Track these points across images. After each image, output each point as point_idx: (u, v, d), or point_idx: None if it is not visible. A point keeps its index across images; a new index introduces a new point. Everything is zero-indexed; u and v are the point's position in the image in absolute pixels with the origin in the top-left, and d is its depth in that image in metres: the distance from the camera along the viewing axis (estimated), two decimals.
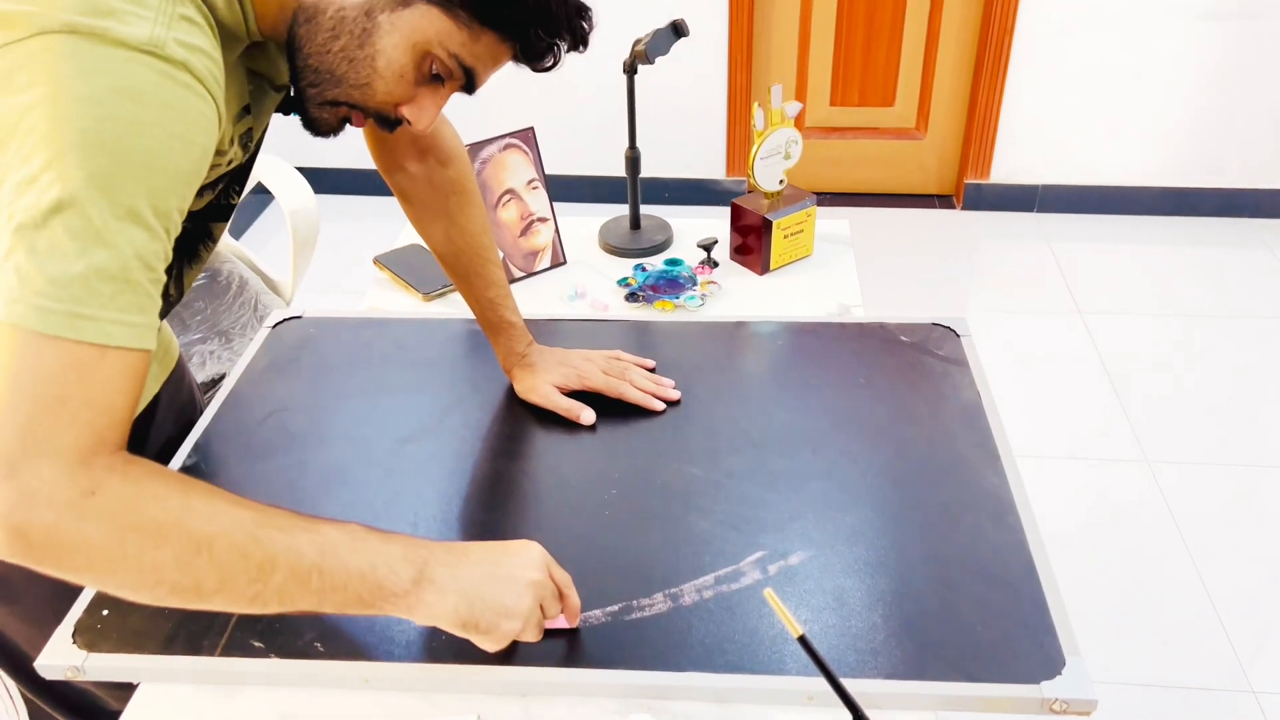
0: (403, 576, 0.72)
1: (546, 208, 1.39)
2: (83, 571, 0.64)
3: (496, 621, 0.75)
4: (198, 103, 0.67)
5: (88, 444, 0.63)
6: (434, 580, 0.73)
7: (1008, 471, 0.99)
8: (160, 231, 0.66)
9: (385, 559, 0.71)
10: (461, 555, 0.76)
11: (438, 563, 0.74)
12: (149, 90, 0.64)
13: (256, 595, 0.67)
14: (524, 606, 0.76)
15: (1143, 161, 3.11)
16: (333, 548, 0.69)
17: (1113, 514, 2.08)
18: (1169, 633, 1.82)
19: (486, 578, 0.75)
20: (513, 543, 0.80)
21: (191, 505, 0.66)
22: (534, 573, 0.77)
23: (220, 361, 1.48)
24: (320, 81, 0.79)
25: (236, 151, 0.86)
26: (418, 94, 0.81)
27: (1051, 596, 0.86)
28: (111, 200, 0.62)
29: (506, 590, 0.76)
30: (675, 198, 3.30)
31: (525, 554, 0.79)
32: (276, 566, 0.67)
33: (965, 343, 1.19)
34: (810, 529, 0.93)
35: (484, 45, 0.78)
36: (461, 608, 0.74)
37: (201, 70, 0.67)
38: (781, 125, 1.34)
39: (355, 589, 0.70)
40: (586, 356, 1.12)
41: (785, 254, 1.39)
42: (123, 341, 0.64)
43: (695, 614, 0.85)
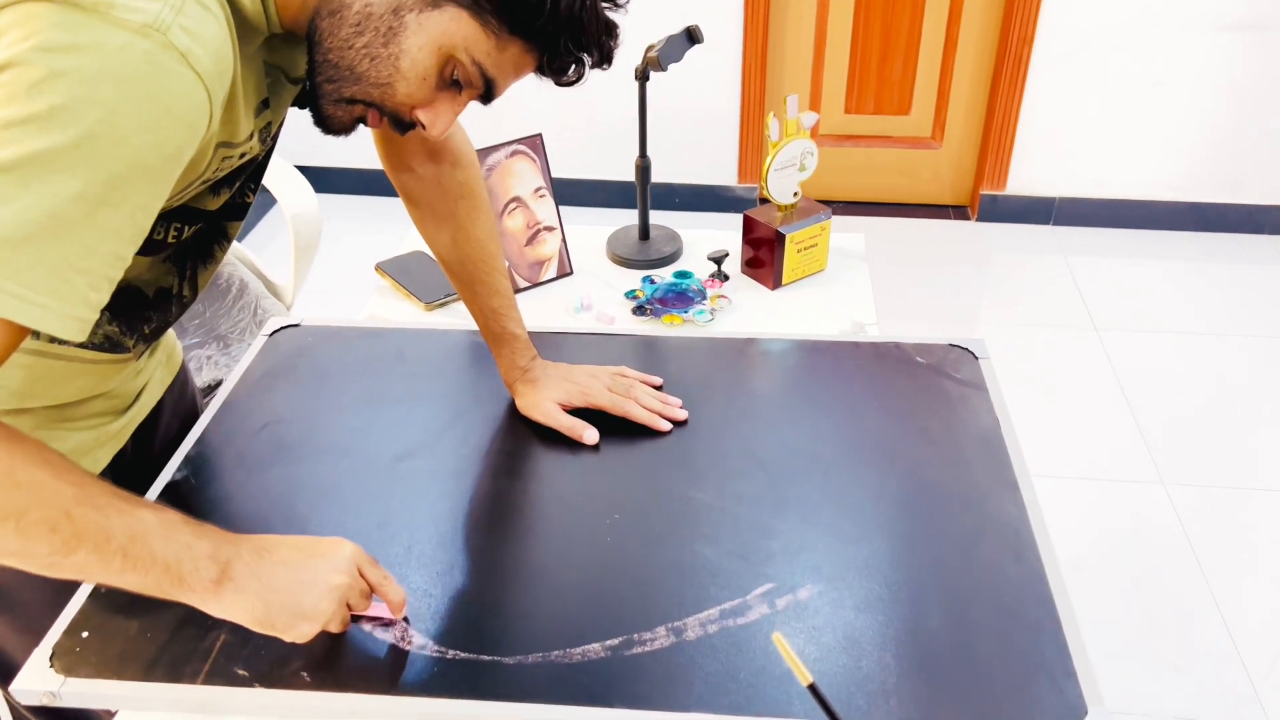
0: (205, 575, 0.72)
1: (553, 216, 1.36)
2: None
3: (292, 623, 0.76)
4: (186, 98, 0.64)
5: None
6: (235, 580, 0.73)
7: (1027, 502, 0.95)
8: (109, 220, 0.63)
9: (192, 555, 0.71)
10: (267, 554, 0.76)
11: (242, 562, 0.74)
12: (136, 78, 0.61)
13: (52, 565, 0.67)
14: (322, 610, 0.76)
15: (1161, 175, 3.06)
16: (144, 535, 0.69)
17: (1127, 537, 2.03)
18: (1182, 660, 1.77)
19: (288, 580, 0.75)
20: (324, 542, 0.79)
21: (14, 474, 0.65)
22: (337, 577, 0.77)
23: (217, 367, 1.45)
24: (339, 78, 0.77)
25: (254, 144, 0.83)
26: (436, 99, 0.79)
27: (1072, 638, 0.82)
28: (62, 178, 0.60)
29: (306, 594, 0.76)
30: (685, 204, 3.26)
31: (333, 556, 0.78)
32: (81, 545, 0.67)
33: (984, 365, 1.15)
34: (821, 560, 0.89)
35: (509, 55, 0.77)
36: (258, 608, 0.74)
37: (202, 62, 0.65)
38: (797, 136, 1.30)
39: (156, 578, 0.70)
40: (591, 373, 1.09)
41: (798, 268, 1.35)
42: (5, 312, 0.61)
43: (699, 650, 0.81)
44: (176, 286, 0.92)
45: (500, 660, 0.81)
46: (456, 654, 0.81)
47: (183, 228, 0.85)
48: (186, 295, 0.94)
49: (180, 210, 0.83)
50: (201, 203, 0.84)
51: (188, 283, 0.93)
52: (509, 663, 0.81)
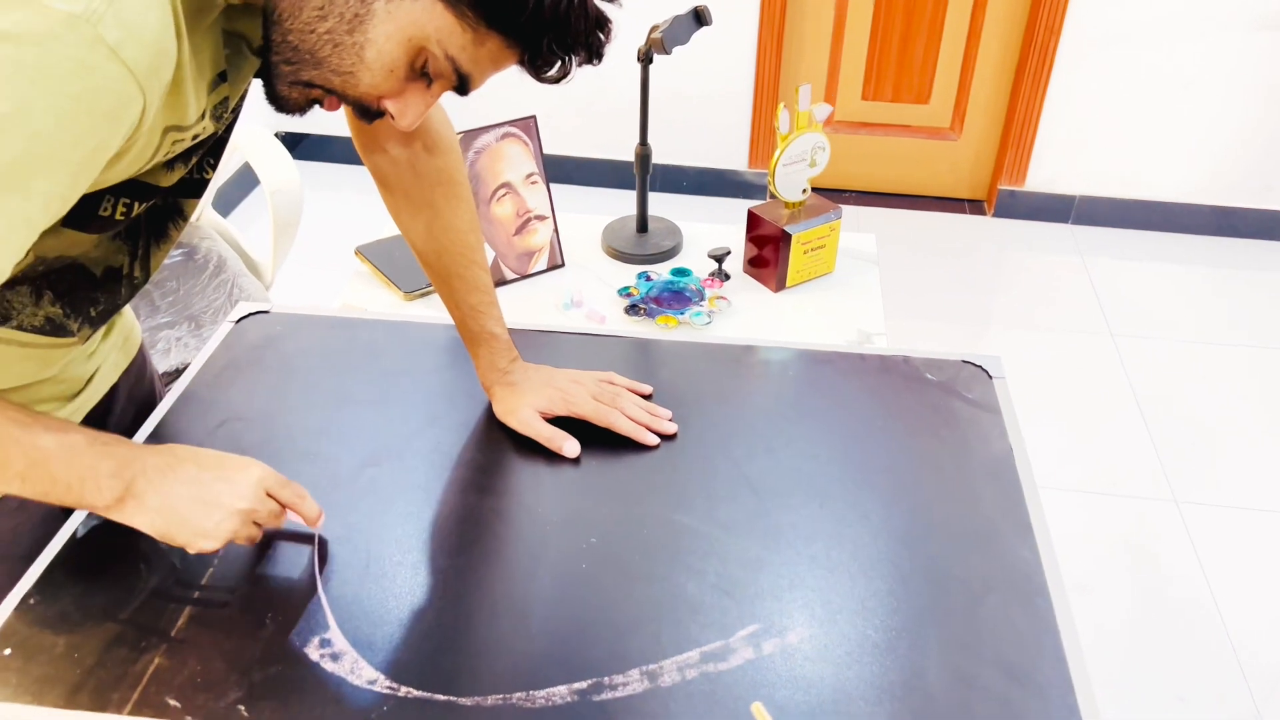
0: (106, 493, 0.74)
1: (546, 204, 1.27)
2: None
3: (192, 539, 0.77)
4: (112, 95, 0.60)
5: None
6: (138, 496, 0.75)
7: (1040, 545, 0.88)
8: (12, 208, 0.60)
9: (95, 475, 0.73)
10: (172, 470, 0.76)
11: (146, 480, 0.75)
12: (57, 71, 0.57)
13: None
14: (222, 531, 0.77)
15: (1187, 177, 2.96)
16: (44, 459, 0.71)
17: (1134, 555, 1.96)
18: (1187, 689, 1.70)
19: (190, 499, 0.76)
20: (232, 462, 0.80)
21: None
22: (240, 501, 0.78)
23: (186, 350, 1.37)
24: (298, 61, 0.70)
25: (206, 124, 0.76)
26: (405, 89, 0.73)
27: (1085, 703, 0.75)
28: None
29: (207, 514, 0.76)
30: (692, 187, 3.17)
31: (239, 478, 0.78)
32: None
33: (998, 385, 1.07)
34: (813, 600, 0.82)
35: (487, 50, 0.70)
36: (158, 523, 0.76)
37: (134, 55, 0.60)
38: (809, 129, 1.21)
39: (58, 496, 0.73)
40: (575, 378, 1.01)
41: (804, 270, 1.27)
42: None
43: (675, 698, 0.74)
44: (127, 267, 0.85)
45: (456, 701, 0.74)
46: (409, 691, 0.74)
47: (133, 203, 0.78)
48: (138, 276, 0.87)
49: (129, 185, 0.76)
50: (154, 178, 0.78)
51: (139, 263, 0.86)
52: (465, 704, 0.74)
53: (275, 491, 0.80)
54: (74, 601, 0.81)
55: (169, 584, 0.82)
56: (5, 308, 0.78)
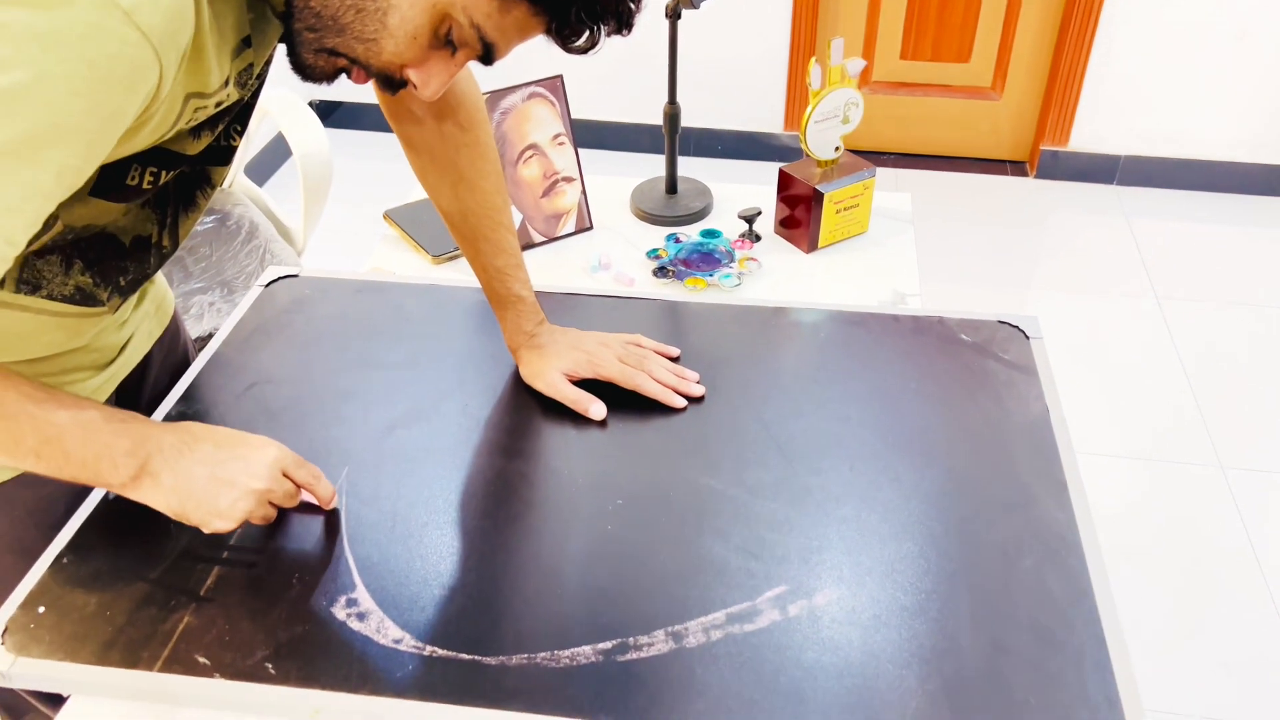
0: (122, 471, 0.73)
1: (573, 166, 1.26)
2: None
3: (206, 519, 0.77)
4: (127, 61, 0.59)
5: None
6: (154, 474, 0.74)
7: (1076, 507, 0.85)
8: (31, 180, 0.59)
9: (110, 453, 0.72)
10: (189, 449, 0.76)
11: (161, 458, 0.75)
12: (68, 37, 0.56)
13: None
14: (237, 511, 0.77)
15: (1238, 134, 2.87)
16: (58, 436, 0.70)
17: (1178, 523, 1.92)
18: (1232, 659, 1.67)
19: (207, 478, 0.76)
20: (248, 441, 0.79)
21: None
22: (256, 481, 0.78)
23: (219, 315, 1.38)
24: (321, 28, 0.69)
25: (231, 92, 0.75)
26: (429, 58, 0.71)
27: (1120, 666, 0.73)
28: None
29: (223, 493, 0.76)
30: (728, 151, 3.13)
31: (255, 458, 0.78)
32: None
33: (1035, 346, 1.04)
34: (841, 562, 0.81)
35: (513, 18, 0.69)
36: (173, 502, 0.76)
37: (150, 19, 0.59)
38: (841, 85, 1.18)
39: (72, 474, 0.72)
40: (602, 341, 1.00)
41: (837, 230, 1.24)
42: None
43: (700, 659, 0.74)
44: (156, 235, 0.85)
45: (480, 660, 0.74)
46: (435, 650, 0.74)
47: (160, 172, 0.78)
48: (166, 245, 0.87)
49: (155, 153, 0.76)
50: (180, 146, 0.77)
51: (168, 231, 0.86)
52: (490, 664, 0.74)
53: (291, 471, 0.80)
54: (105, 561, 0.82)
55: (198, 545, 0.83)
56: (36, 277, 0.78)
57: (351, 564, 0.81)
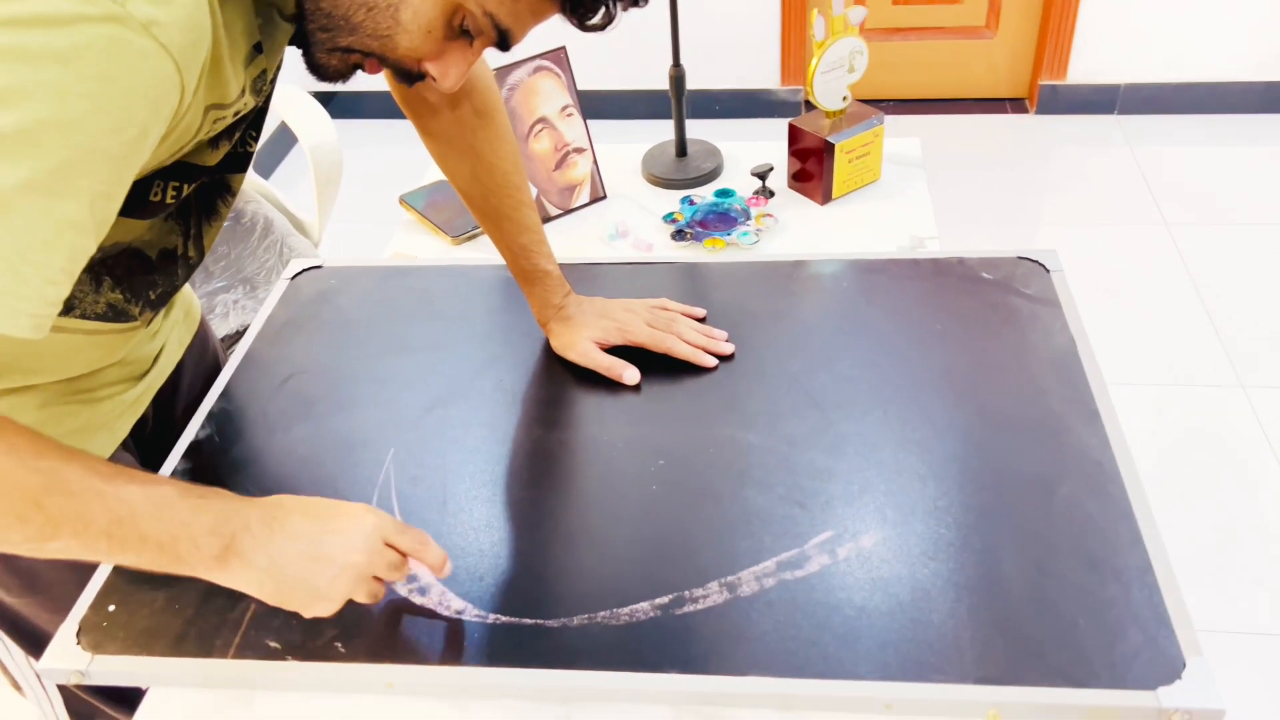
0: (206, 552, 0.67)
1: (583, 136, 1.27)
2: None
3: (307, 602, 0.71)
4: (149, 75, 0.57)
5: None
6: (242, 555, 0.68)
7: (1110, 433, 0.87)
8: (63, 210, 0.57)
9: (190, 532, 0.66)
10: (279, 525, 0.69)
11: (250, 535, 0.68)
12: (88, 57, 0.54)
13: (34, 551, 0.64)
14: (338, 589, 0.70)
15: (1238, 53, 2.84)
16: (130, 516, 0.64)
17: (1205, 444, 1.93)
18: (1265, 573, 1.69)
19: (301, 556, 0.69)
20: (343, 512, 0.72)
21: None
22: (355, 555, 0.70)
23: (244, 311, 1.40)
24: (333, 27, 0.69)
25: (247, 100, 0.75)
26: (446, 49, 0.71)
27: (1166, 583, 0.75)
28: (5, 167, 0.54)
29: (321, 572, 0.70)
30: (726, 110, 3.12)
31: (351, 531, 0.71)
32: (59, 533, 0.63)
33: (1056, 279, 1.05)
34: (883, 504, 0.83)
35: (526, 3, 0.68)
36: (268, 586, 0.69)
37: (169, 32, 0.57)
38: (844, 34, 1.18)
39: (151, 558, 0.66)
40: (628, 307, 1.01)
41: (849, 180, 1.25)
42: None
43: (755, 606, 0.76)
44: (181, 247, 0.86)
45: (543, 624, 0.76)
46: (497, 618, 0.77)
47: (181, 186, 0.78)
48: (192, 256, 0.88)
49: (177, 167, 0.76)
50: (200, 158, 0.77)
51: (193, 242, 0.86)
52: (553, 626, 0.76)
53: (393, 540, 0.73)
54: None
55: None
56: (68, 298, 0.79)
57: None
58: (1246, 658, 1.57)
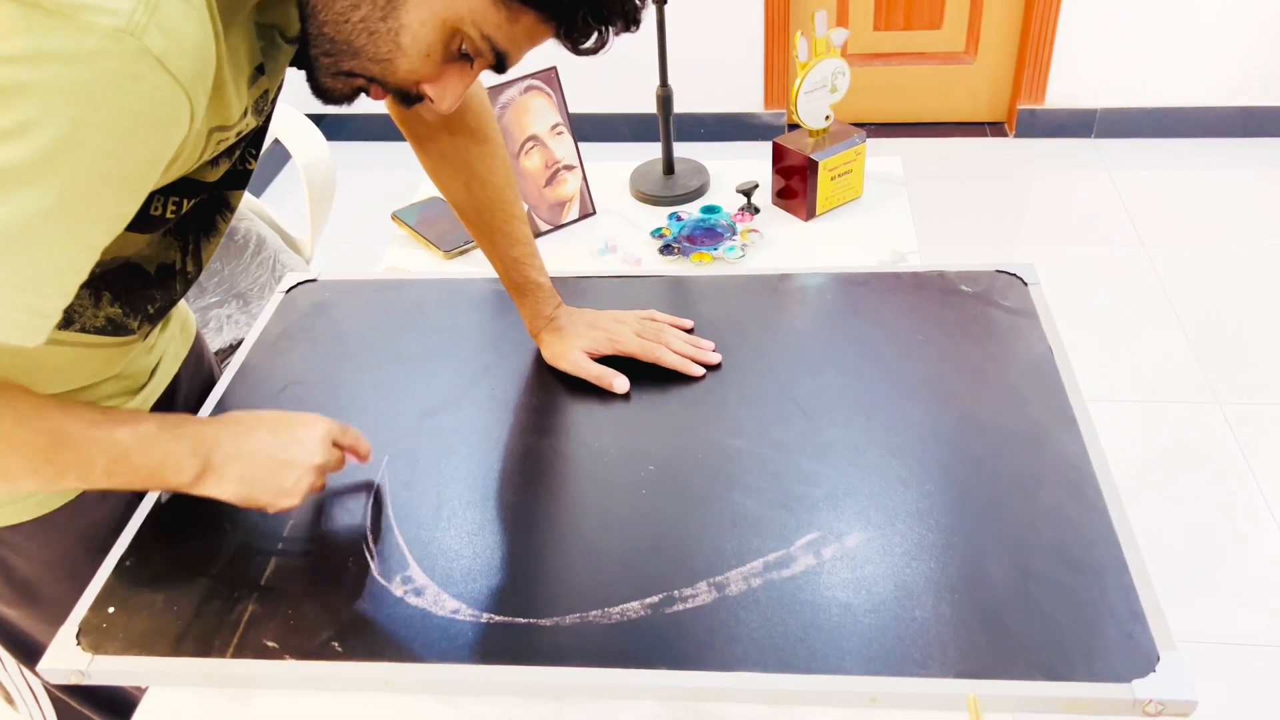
0: (187, 471, 0.77)
1: (573, 154, 1.29)
2: None
3: (273, 500, 0.81)
4: (162, 105, 0.60)
5: None
6: (217, 469, 0.79)
7: (1086, 438, 0.90)
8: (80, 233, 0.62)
9: (174, 458, 0.77)
10: (245, 439, 0.80)
11: (222, 451, 0.79)
12: (106, 88, 0.57)
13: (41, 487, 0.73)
14: (302, 486, 0.82)
15: (1211, 79, 2.91)
16: (123, 454, 0.74)
17: (1182, 459, 1.97)
18: (1243, 586, 1.72)
19: (267, 463, 0.80)
20: (298, 420, 0.84)
21: None
22: (314, 457, 0.82)
23: (238, 326, 1.42)
24: (336, 52, 0.71)
25: (249, 120, 0.77)
26: (443, 72, 0.73)
27: (1140, 581, 0.77)
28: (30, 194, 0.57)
29: (286, 473, 0.81)
30: (711, 134, 3.17)
31: (308, 435, 0.83)
32: (66, 477, 0.73)
33: (1033, 291, 1.08)
34: (868, 507, 0.85)
35: (522, 27, 0.70)
36: (240, 491, 0.80)
37: (179, 64, 0.60)
38: (827, 55, 1.22)
39: (141, 483, 0.77)
40: (618, 318, 1.04)
41: (833, 197, 1.28)
42: None
43: (743, 605, 0.78)
44: (179, 262, 0.87)
45: (536, 623, 0.78)
46: (491, 618, 0.78)
47: (181, 201, 0.80)
48: (190, 270, 0.89)
49: (178, 183, 0.78)
50: (200, 175, 0.79)
51: (190, 257, 0.88)
52: (546, 625, 0.77)
53: (338, 439, 0.85)
54: (166, 562, 0.85)
55: (253, 539, 0.87)
56: (68, 312, 0.80)
57: (402, 544, 0.85)
58: (1226, 668, 1.60)
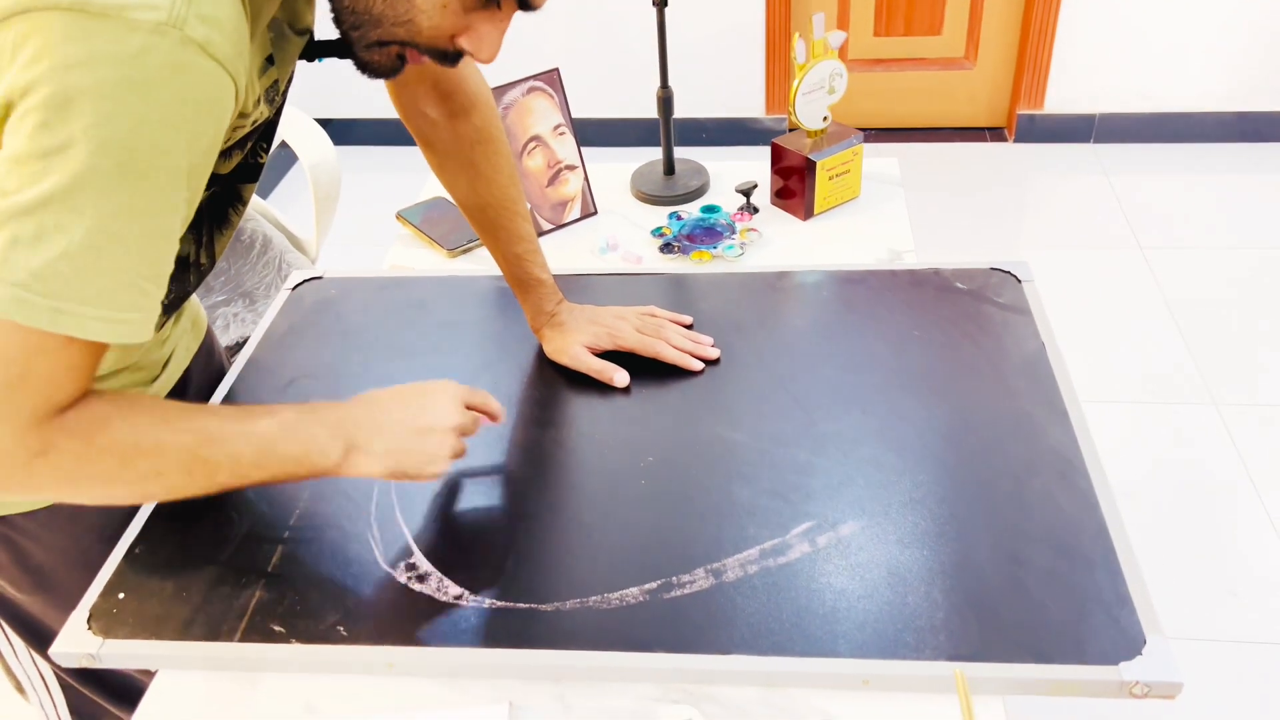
0: (332, 453, 0.77)
1: (575, 154, 1.31)
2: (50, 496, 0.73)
3: (422, 468, 0.81)
4: (211, 88, 0.63)
5: (43, 410, 0.65)
6: (361, 447, 0.78)
7: (1077, 430, 0.91)
8: (162, 225, 0.64)
9: (317, 443, 0.76)
10: (381, 414, 0.80)
11: (362, 430, 0.79)
12: (159, 80, 0.59)
13: (201, 492, 0.74)
14: (446, 450, 0.81)
15: (1208, 84, 2.93)
16: (269, 444, 0.74)
17: (1179, 460, 1.98)
18: (1239, 584, 1.73)
19: (408, 433, 0.80)
20: (428, 387, 0.84)
21: (139, 442, 0.69)
22: (451, 418, 0.82)
23: (244, 324, 1.44)
24: (361, 24, 0.72)
25: (263, 109, 0.79)
26: (472, 22, 0.73)
27: (1128, 568, 0.79)
28: (110, 197, 0.60)
29: (428, 440, 0.81)
30: (713, 139, 3.19)
31: (443, 400, 0.83)
32: (219, 474, 0.73)
33: (1027, 288, 1.10)
34: (862, 497, 0.87)
35: None
36: (389, 464, 0.79)
37: (222, 49, 0.62)
38: (825, 57, 1.24)
39: (291, 471, 0.76)
40: (619, 314, 1.06)
41: (830, 197, 1.30)
42: (98, 337, 0.64)
43: (739, 591, 0.79)
44: (194, 254, 0.89)
45: (537, 608, 0.79)
46: (493, 603, 0.80)
47: None
48: (204, 262, 0.91)
49: None
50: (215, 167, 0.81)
51: (204, 249, 0.90)
52: (546, 610, 0.79)
53: (469, 400, 0.85)
54: (174, 550, 0.87)
55: (260, 527, 0.89)
56: None
57: (406, 533, 0.87)
58: (1221, 665, 1.61)
